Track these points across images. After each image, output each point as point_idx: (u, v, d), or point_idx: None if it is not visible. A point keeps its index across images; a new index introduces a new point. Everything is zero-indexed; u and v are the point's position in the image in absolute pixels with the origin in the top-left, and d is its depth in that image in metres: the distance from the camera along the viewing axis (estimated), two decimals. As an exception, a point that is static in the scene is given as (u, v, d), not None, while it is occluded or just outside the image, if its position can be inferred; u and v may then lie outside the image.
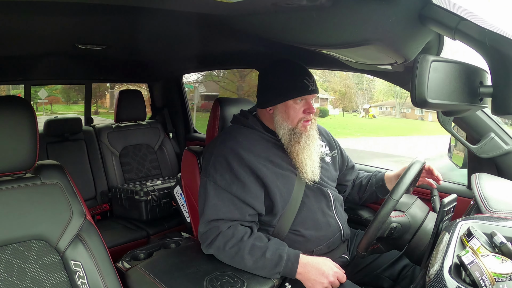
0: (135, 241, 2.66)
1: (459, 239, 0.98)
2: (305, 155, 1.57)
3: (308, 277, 1.42)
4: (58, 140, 3.05)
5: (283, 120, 1.58)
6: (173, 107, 3.71)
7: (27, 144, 1.24)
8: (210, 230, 1.49)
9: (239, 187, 1.51)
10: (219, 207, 1.50)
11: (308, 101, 1.59)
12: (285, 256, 1.42)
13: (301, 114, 1.57)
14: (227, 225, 1.49)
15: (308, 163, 1.58)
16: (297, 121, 1.57)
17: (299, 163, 1.57)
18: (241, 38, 1.84)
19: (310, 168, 1.58)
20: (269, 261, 1.41)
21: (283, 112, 1.58)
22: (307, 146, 1.58)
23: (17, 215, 1.23)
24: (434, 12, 0.90)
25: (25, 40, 1.97)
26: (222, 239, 1.46)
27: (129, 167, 3.30)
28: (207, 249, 1.51)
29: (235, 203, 1.50)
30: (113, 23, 1.66)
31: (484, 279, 0.82)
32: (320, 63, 2.00)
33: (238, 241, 1.45)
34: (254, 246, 1.44)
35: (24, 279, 1.20)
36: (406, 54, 1.17)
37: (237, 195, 1.50)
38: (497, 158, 1.57)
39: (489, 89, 0.88)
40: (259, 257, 1.42)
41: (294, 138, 1.57)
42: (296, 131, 1.57)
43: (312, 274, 1.41)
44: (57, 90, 17.59)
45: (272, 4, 1.01)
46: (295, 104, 1.56)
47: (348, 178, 1.93)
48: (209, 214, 1.51)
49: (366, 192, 1.89)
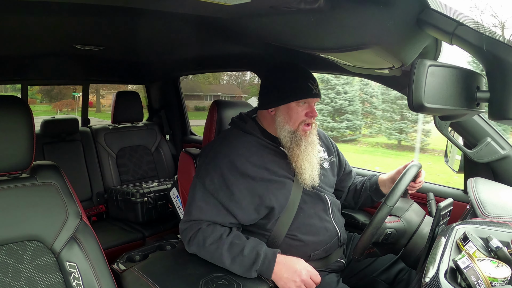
0: (131, 243, 2.65)
1: (455, 243, 0.98)
2: (305, 160, 1.57)
3: (281, 276, 1.41)
4: (54, 141, 3.05)
5: (285, 122, 1.58)
6: (170, 109, 3.71)
7: (23, 144, 1.24)
8: (190, 226, 1.52)
9: (226, 195, 1.51)
10: (203, 209, 1.52)
11: (311, 104, 1.58)
12: (262, 254, 1.42)
13: (303, 117, 1.57)
14: (207, 223, 1.51)
15: (308, 168, 1.57)
16: (298, 124, 1.57)
17: (299, 168, 1.57)
18: (239, 40, 1.84)
19: (309, 173, 1.57)
20: (247, 259, 1.41)
21: (285, 113, 1.57)
22: (307, 150, 1.57)
23: (12, 215, 1.22)
24: (431, 17, 0.90)
25: (23, 40, 1.97)
26: (201, 235, 1.48)
27: (125, 169, 3.29)
28: (188, 247, 1.53)
29: (219, 209, 1.51)
30: (111, 24, 1.66)
31: (480, 283, 0.83)
32: (318, 67, 2.00)
33: (218, 238, 1.46)
34: (232, 244, 1.45)
35: (19, 279, 1.19)
36: (404, 59, 1.17)
37: (222, 202, 1.51)
38: (493, 163, 1.57)
39: (485, 94, 0.88)
40: (237, 254, 1.42)
41: (295, 141, 1.57)
42: (297, 134, 1.57)
43: (284, 272, 1.41)
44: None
45: (270, 7, 1.01)
46: (298, 106, 1.56)
47: (345, 184, 1.93)
48: (192, 214, 1.53)
49: (361, 196, 1.89)
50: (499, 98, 0.84)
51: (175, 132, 3.74)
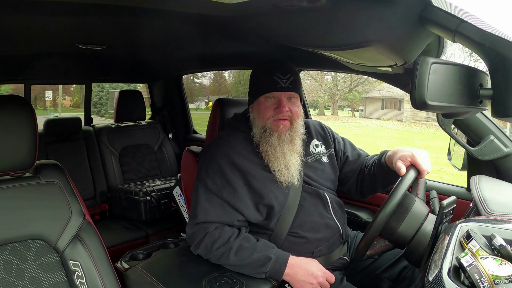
0: (134, 242, 2.66)
1: (458, 241, 0.98)
2: (276, 155, 1.53)
3: (297, 279, 1.42)
4: (57, 140, 3.06)
5: (256, 118, 1.58)
6: (172, 107, 3.71)
7: (26, 143, 1.24)
8: (197, 230, 1.50)
9: (230, 192, 1.51)
10: (209, 210, 1.51)
11: (281, 98, 1.55)
12: (273, 257, 1.42)
13: (271, 112, 1.55)
14: (214, 226, 1.49)
15: (281, 163, 1.54)
16: (267, 119, 1.55)
17: (270, 164, 1.55)
18: (241, 39, 1.84)
19: (283, 169, 1.54)
20: (256, 262, 1.41)
21: (257, 109, 1.58)
22: (279, 146, 1.54)
23: (16, 214, 1.23)
24: (434, 14, 0.90)
25: (26, 40, 1.97)
26: (209, 239, 1.47)
27: (128, 167, 3.30)
28: (195, 250, 1.52)
29: (224, 208, 1.51)
30: (114, 23, 1.67)
31: (483, 281, 0.82)
32: (320, 65, 2.01)
33: (225, 242, 1.45)
34: (241, 247, 1.44)
35: (22, 278, 1.20)
36: (406, 56, 1.17)
37: (227, 200, 1.51)
38: (496, 161, 1.57)
39: (488, 91, 0.88)
40: (246, 258, 1.42)
41: (264, 136, 1.55)
42: (267, 129, 1.55)
43: (301, 275, 1.42)
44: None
45: (272, 5, 1.01)
46: (266, 101, 1.56)
47: (345, 171, 1.80)
48: (198, 217, 1.51)
49: (365, 180, 1.73)
50: (502, 95, 0.84)
51: (178, 131, 3.74)
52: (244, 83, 22.96)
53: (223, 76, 24.72)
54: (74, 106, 21.81)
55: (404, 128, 18.84)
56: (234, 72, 22.54)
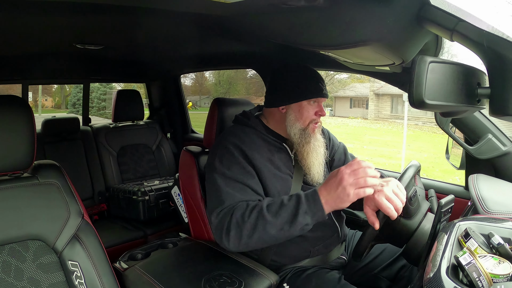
0: (133, 241, 2.66)
1: (457, 240, 0.98)
2: (313, 157, 1.60)
3: (335, 198, 1.31)
4: (55, 140, 3.05)
5: (296, 119, 1.60)
6: (170, 107, 3.71)
7: (24, 143, 1.24)
8: (224, 215, 1.44)
9: (249, 177, 1.51)
10: (233, 194, 1.47)
11: (320, 104, 1.63)
12: (302, 195, 1.37)
13: (313, 116, 1.61)
14: (237, 204, 1.45)
15: (316, 164, 1.61)
16: (309, 122, 1.60)
17: (308, 164, 1.60)
18: (239, 38, 1.84)
19: (317, 169, 1.61)
20: (290, 206, 1.35)
21: (297, 111, 1.60)
22: (315, 148, 1.61)
23: (14, 214, 1.22)
24: (432, 13, 0.90)
25: (23, 40, 1.97)
26: (238, 213, 1.40)
27: (126, 167, 3.29)
28: (226, 237, 1.41)
29: (246, 190, 1.50)
30: (112, 23, 1.66)
31: (482, 280, 0.83)
32: (318, 64, 2.00)
33: (253, 207, 1.40)
34: (270, 204, 1.40)
35: (21, 279, 1.20)
36: (404, 55, 1.17)
37: (248, 183, 1.50)
38: (494, 159, 1.57)
39: (486, 90, 0.88)
40: (279, 208, 1.37)
41: (305, 138, 1.60)
42: (307, 132, 1.60)
43: (333, 192, 1.31)
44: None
45: (269, 4, 1.01)
46: (309, 105, 1.60)
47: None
48: (225, 202, 1.46)
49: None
50: (500, 94, 0.84)
51: (176, 130, 3.74)
52: (223, 83, 23.21)
53: (204, 77, 24.83)
54: (55, 107, 21.70)
55: (365, 125, 19.92)
56: (214, 73, 22.71)
